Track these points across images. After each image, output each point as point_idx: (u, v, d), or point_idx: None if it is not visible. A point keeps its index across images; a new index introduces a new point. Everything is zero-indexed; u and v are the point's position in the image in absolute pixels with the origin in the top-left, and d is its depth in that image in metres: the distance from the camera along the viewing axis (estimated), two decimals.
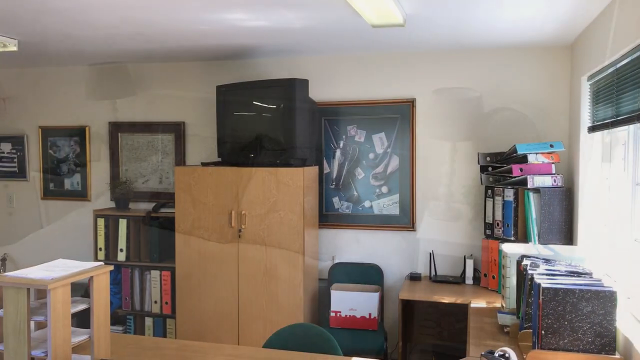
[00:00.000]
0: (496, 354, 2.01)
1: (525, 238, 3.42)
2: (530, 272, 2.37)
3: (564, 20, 3.03)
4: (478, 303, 3.27)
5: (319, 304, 4.09)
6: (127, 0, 2.67)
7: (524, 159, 3.44)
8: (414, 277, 3.88)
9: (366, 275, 4.04)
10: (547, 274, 2.30)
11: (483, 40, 3.58)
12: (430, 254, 3.95)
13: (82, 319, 3.29)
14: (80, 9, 2.83)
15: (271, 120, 3.75)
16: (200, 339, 3.80)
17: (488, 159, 3.71)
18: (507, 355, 1.99)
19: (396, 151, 4.04)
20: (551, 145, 3.47)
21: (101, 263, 2.23)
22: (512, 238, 3.47)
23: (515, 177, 3.42)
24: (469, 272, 3.78)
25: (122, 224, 4.28)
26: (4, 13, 2.91)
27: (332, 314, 3.78)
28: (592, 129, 3.10)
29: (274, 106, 3.74)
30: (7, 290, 1.93)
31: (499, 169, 3.59)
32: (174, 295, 4.12)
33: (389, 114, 4.04)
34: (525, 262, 2.52)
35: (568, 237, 3.36)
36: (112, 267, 2.23)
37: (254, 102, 3.83)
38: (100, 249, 4.33)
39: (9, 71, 4.96)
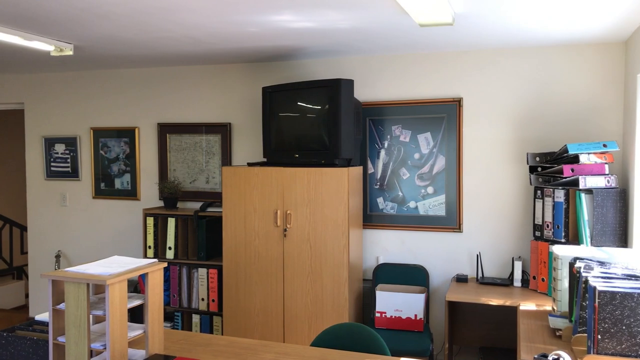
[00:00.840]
0: (550, 358, 1.97)
1: (576, 240, 3.34)
2: (584, 274, 2.31)
3: (618, 16, 2.95)
4: (527, 305, 3.21)
5: (363, 304, 4.09)
6: (179, 4, 2.73)
7: (575, 159, 3.35)
8: (461, 279, 3.83)
9: (411, 276, 4.02)
10: (602, 277, 2.24)
11: (533, 37, 3.51)
12: (477, 255, 3.90)
13: (132, 315, 3.40)
14: (135, 13, 2.92)
15: (316, 121, 3.77)
16: (246, 337, 3.86)
17: (537, 159, 3.63)
18: (561, 358, 1.95)
19: (442, 151, 4.00)
20: (604, 145, 3.37)
21: (155, 260, 2.29)
22: (563, 240, 3.39)
23: (566, 177, 3.34)
24: (517, 274, 3.71)
25: (171, 222, 4.38)
26: (62, 18, 3.03)
27: (377, 315, 3.77)
28: None
29: (319, 107, 3.76)
30: (68, 285, 2.00)
31: (549, 170, 3.51)
32: (221, 293, 4.20)
33: (435, 113, 4.01)
34: (579, 264, 2.46)
35: (622, 239, 3.26)
36: (165, 264, 2.29)
37: (299, 103, 3.86)
38: (150, 247, 4.45)
39: (64, 74, 5.15)
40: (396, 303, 3.74)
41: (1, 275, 7.02)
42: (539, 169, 3.63)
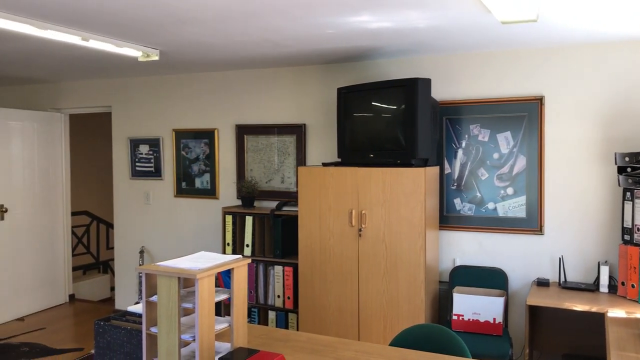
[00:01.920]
0: None
1: None
2: None
3: None
4: (616, 312, 3.06)
5: (439, 306, 4.04)
6: (261, 9, 2.81)
7: None
8: (542, 283, 3.71)
9: (489, 279, 3.93)
10: None
11: (620, 31, 3.34)
12: (559, 259, 3.75)
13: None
14: (218, 18, 3.03)
15: (392, 121, 3.76)
16: (321, 334, 3.90)
17: (627, 159, 3.45)
18: None
19: (523, 151, 3.88)
20: None
21: (240, 256, 2.37)
22: None
23: None
24: (604, 280, 3.54)
25: (248, 220, 4.50)
26: (149, 25, 3.19)
27: (455, 317, 3.71)
28: None
29: (395, 106, 3.75)
30: (161, 279, 2.11)
31: None
32: (296, 290, 4.27)
33: (515, 112, 3.90)
34: None
35: None
36: (249, 260, 2.37)
37: (374, 103, 3.86)
38: (228, 244, 4.59)
39: (147, 79, 5.41)
40: (474, 306, 3.67)
41: (88, 269, 7.47)
42: (629, 169, 3.45)
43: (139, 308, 2.67)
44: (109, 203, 7.84)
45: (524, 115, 3.87)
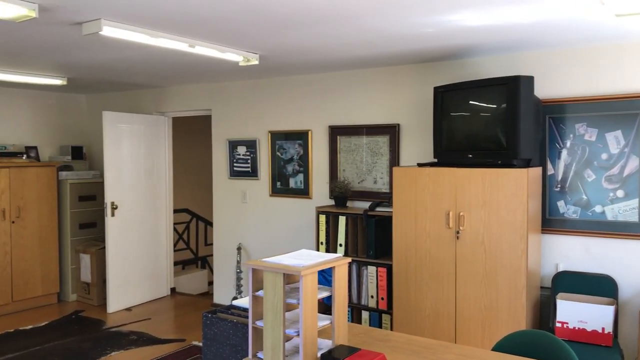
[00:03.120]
0: None
1: None
2: None
3: None
4: None
5: (540, 313, 3.87)
6: (360, 11, 2.83)
7: None
8: None
9: (596, 286, 3.71)
10: None
11: None
12: None
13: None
14: (318, 22, 3.08)
15: (492, 120, 3.65)
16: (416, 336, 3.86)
17: None
18: None
19: (635, 151, 3.64)
20: None
21: (340, 255, 2.40)
22: None
23: None
24: None
25: (342, 220, 4.54)
26: (251, 30, 3.31)
27: (558, 325, 3.54)
28: None
29: (495, 105, 3.64)
30: (267, 274, 2.18)
31: None
32: (390, 291, 4.26)
33: (627, 110, 3.66)
34: None
35: None
36: (350, 259, 2.39)
37: (473, 102, 3.77)
38: (322, 243, 4.66)
39: (245, 82, 5.61)
40: (580, 314, 3.48)
41: (187, 264, 7.86)
42: None
43: (242, 302, 2.79)
44: (206, 201, 8.21)
45: (636, 113, 3.62)
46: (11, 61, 4.41)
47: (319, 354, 2.20)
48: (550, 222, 3.94)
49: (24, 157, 6.00)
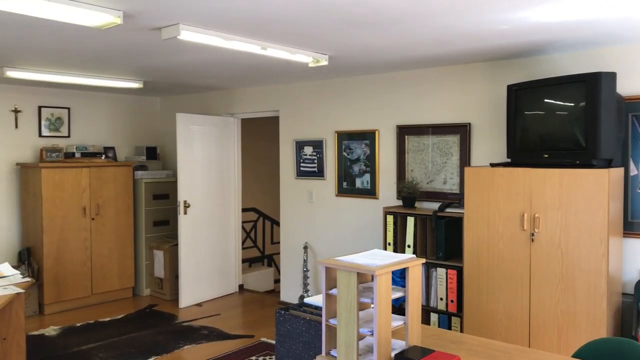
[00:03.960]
0: None
1: None
2: None
3: None
4: None
5: (622, 320, 3.69)
6: (434, 8, 2.80)
7: None
8: None
9: None
10: None
11: None
12: None
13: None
14: (392, 21, 3.07)
15: (569, 119, 3.51)
16: None
17: None
18: None
19: None
20: None
21: (413, 256, 2.38)
22: None
23: None
24: None
25: (410, 221, 4.50)
26: (321, 31, 3.34)
27: None
28: None
29: (572, 103, 3.50)
30: (341, 273, 2.20)
31: None
32: (460, 294, 4.18)
33: None
34: None
35: None
36: (423, 260, 2.37)
37: (549, 100, 3.64)
38: (389, 244, 4.63)
39: (311, 83, 5.66)
40: None
41: (254, 262, 8.01)
42: None
43: (314, 300, 2.82)
44: (273, 201, 8.35)
45: None
46: (94, 66, 4.66)
47: (392, 354, 2.20)
48: (633, 225, 3.74)
49: (102, 157, 6.31)
